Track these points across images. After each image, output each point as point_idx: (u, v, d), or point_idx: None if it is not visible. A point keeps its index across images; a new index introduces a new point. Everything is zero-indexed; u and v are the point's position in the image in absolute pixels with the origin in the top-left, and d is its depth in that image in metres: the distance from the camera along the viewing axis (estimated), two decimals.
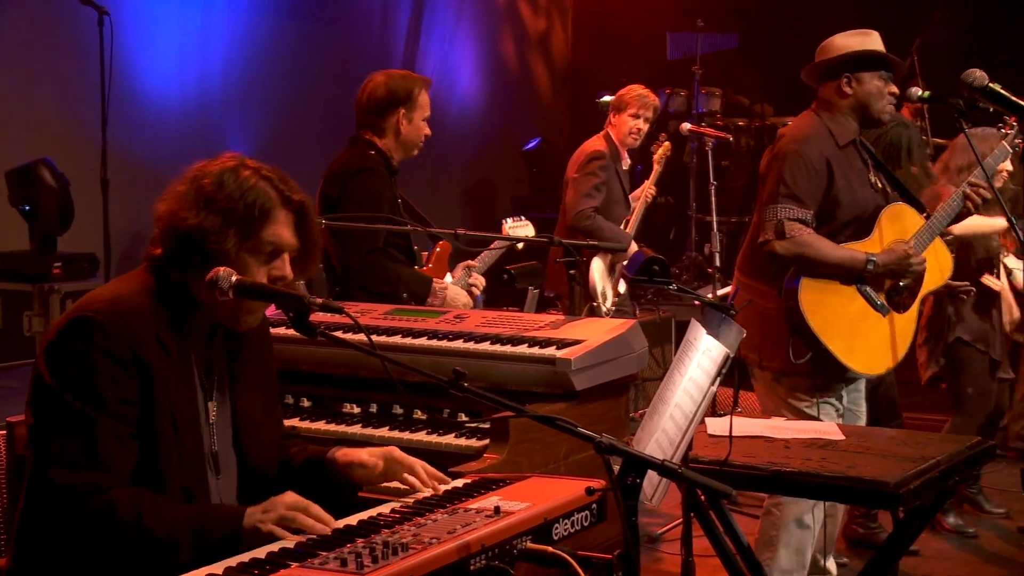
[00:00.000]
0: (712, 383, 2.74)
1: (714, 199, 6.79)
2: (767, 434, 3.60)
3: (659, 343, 7.24)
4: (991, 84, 3.24)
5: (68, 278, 6.83)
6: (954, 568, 5.08)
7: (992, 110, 4.16)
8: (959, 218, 4.39)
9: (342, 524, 2.37)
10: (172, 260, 2.51)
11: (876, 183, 4.27)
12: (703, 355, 2.74)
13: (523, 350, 3.43)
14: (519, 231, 5.10)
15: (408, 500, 2.53)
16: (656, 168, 6.71)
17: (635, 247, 6.23)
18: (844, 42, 4.23)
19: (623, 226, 6.35)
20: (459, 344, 3.53)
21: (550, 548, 2.36)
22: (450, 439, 3.34)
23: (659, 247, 7.48)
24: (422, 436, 3.37)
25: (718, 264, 6.75)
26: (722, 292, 6.23)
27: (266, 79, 8.63)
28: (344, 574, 2.07)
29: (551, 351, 3.38)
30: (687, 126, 7.20)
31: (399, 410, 3.52)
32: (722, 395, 5.87)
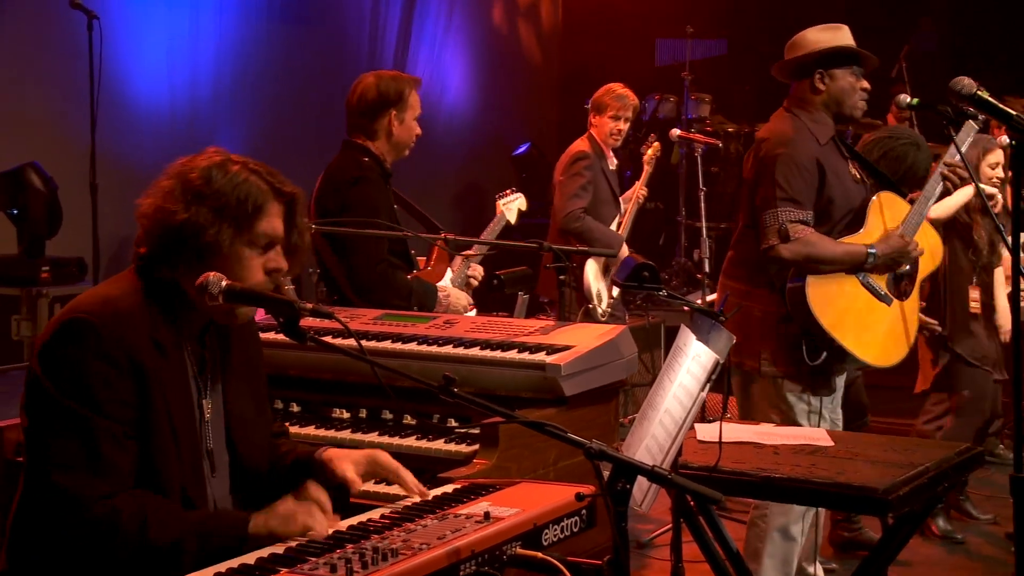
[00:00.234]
0: (702, 389, 2.74)
1: (703, 205, 6.80)
2: (756, 440, 3.61)
3: (648, 349, 7.25)
4: (979, 91, 3.26)
5: (56, 282, 6.80)
6: (942, 574, 5.09)
7: (981, 118, 4.20)
8: (939, 198, 4.43)
9: (332, 530, 2.36)
10: (162, 257, 2.50)
11: (855, 175, 4.30)
12: (693, 361, 2.75)
13: (513, 355, 3.42)
14: (512, 204, 5.12)
15: (398, 506, 2.53)
16: (647, 169, 6.72)
17: (627, 250, 6.24)
18: (815, 37, 4.24)
19: (614, 227, 6.35)
20: (449, 349, 3.53)
21: (540, 554, 2.36)
22: (440, 444, 3.34)
23: (648, 253, 7.49)
24: (411, 441, 3.37)
25: (707, 270, 6.76)
26: (711, 298, 6.24)
27: (256, 83, 8.62)
28: None
29: (541, 356, 3.38)
30: (676, 132, 7.22)
31: (388, 415, 3.51)
32: (711, 401, 5.88)
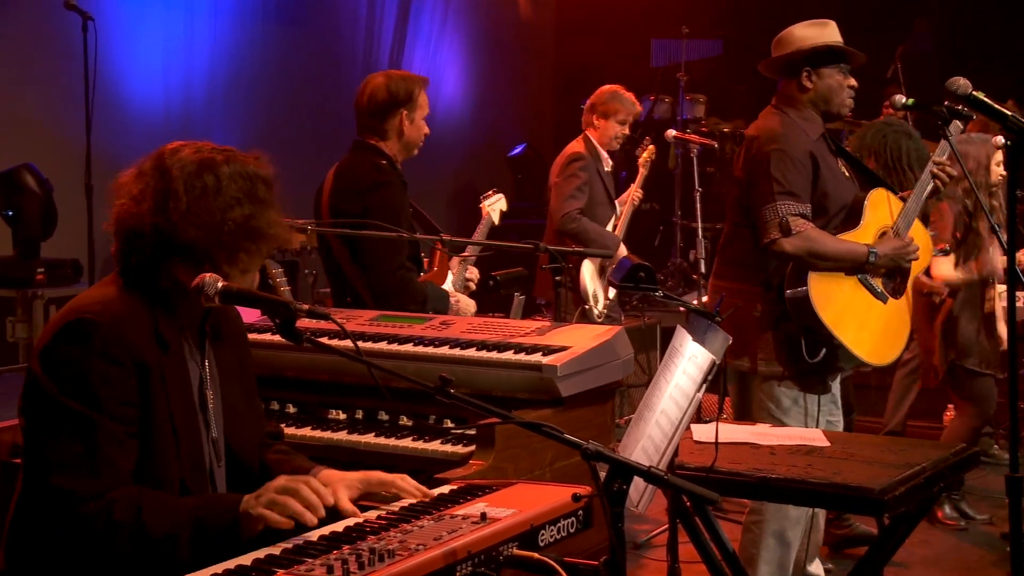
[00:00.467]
0: (698, 389, 2.74)
1: (699, 205, 6.80)
2: (753, 440, 3.61)
3: (644, 349, 7.25)
4: (975, 92, 3.26)
5: (52, 284, 6.80)
6: (939, 574, 5.09)
7: (975, 118, 4.20)
8: (931, 196, 4.44)
9: (328, 531, 2.36)
10: (161, 256, 2.50)
11: (845, 171, 4.31)
12: (689, 361, 2.75)
13: (509, 356, 3.42)
14: (495, 205, 5.13)
15: (394, 507, 2.52)
16: (641, 172, 6.73)
17: (624, 250, 6.24)
18: (802, 33, 4.24)
19: (610, 228, 6.36)
20: (445, 350, 3.53)
21: (536, 555, 2.35)
22: (436, 445, 3.33)
23: (644, 253, 7.49)
24: (408, 442, 3.37)
25: (703, 270, 6.76)
26: (707, 299, 6.24)
27: (250, 83, 8.62)
28: None
29: (537, 357, 3.38)
30: (672, 133, 7.22)
31: (385, 416, 3.51)
32: (708, 401, 5.88)
